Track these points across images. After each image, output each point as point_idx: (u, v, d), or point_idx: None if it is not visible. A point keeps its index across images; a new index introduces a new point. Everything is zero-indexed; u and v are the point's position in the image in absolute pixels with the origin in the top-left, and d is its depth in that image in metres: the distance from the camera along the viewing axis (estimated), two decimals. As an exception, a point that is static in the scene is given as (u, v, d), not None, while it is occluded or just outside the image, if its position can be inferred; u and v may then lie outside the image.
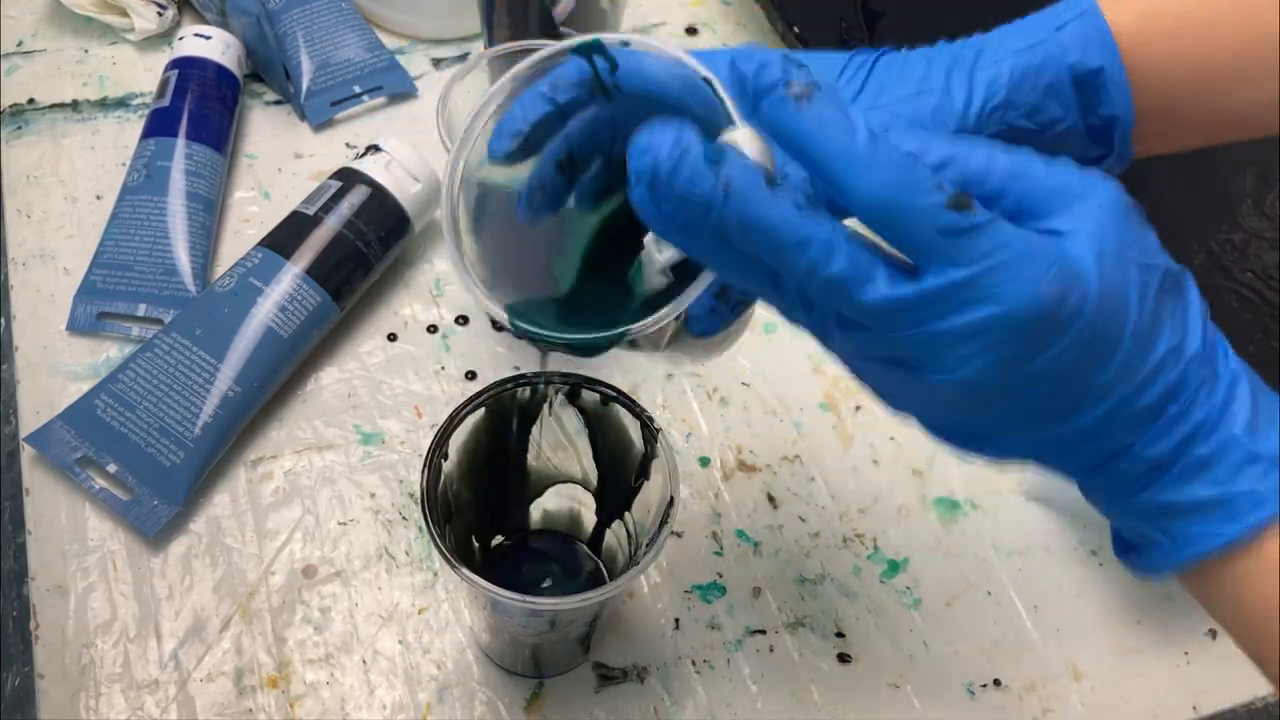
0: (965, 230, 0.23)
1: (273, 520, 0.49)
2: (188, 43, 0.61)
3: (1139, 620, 0.50)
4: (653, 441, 0.39)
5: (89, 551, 0.47)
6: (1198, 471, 0.26)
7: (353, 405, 0.53)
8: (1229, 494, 0.26)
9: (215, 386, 0.49)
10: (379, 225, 0.54)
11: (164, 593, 0.47)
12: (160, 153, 0.57)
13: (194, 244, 0.55)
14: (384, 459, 0.51)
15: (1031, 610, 0.50)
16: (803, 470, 0.53)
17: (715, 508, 0.52)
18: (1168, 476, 0.26)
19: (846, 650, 0.48)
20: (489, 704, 0.45)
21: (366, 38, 0.66)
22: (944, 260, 0.24)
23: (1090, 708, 0.48)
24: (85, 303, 0.53)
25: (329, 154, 0.62)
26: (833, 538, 0.51)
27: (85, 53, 0.66)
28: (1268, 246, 0.58)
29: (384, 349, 0.55)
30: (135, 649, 0.45)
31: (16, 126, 0.61)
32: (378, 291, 0.57)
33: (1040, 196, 0.25)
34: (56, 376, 0.52)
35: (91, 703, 0.44)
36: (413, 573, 0.48)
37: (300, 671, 0.45)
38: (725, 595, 0.49)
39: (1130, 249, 0.25)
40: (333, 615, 0.47)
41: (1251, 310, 0.56)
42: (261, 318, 0.50)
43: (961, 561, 0.51)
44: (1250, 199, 0.61)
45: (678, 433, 0.54)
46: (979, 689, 0.48)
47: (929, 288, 0.24)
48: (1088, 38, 0.32)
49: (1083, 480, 0.29)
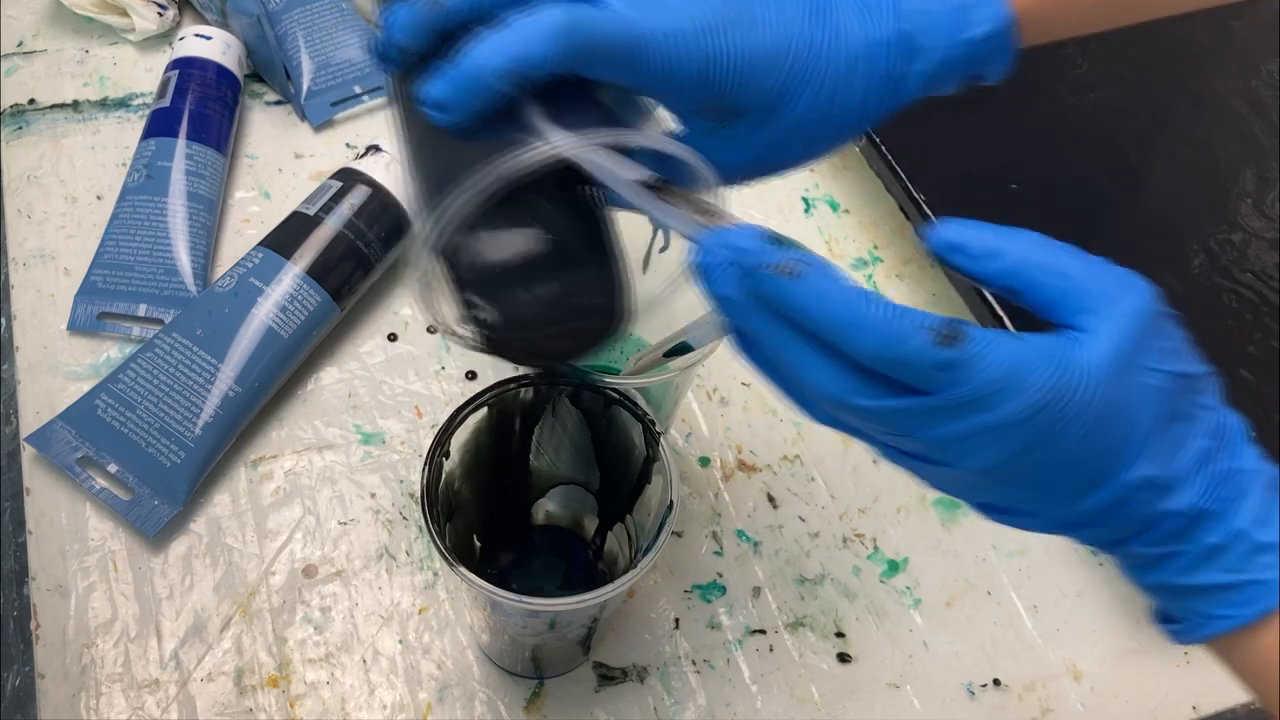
0: (958, 362, 0.25)
1: (273, 520, 0.49)
2: (188, 43, 0.61)
3: (1139, 620, 0.50)
4: (654, 444, 0.39)
5: (89, 551, 0.47)
6: (1209, 558, 0.28)
7: (353, 405, 0.53)
8: (1239, 581, 0.28)
9: (215, 386, 0.49)
10: (379, 225, 0.54)
11: (164, 593, 0.47)
12: (161, 153, 0.57)
13: (194, 244, 0.55)
14: (384, 459, 0.51)
15: (1031, 610, 0.50)
16: (803, 470, 0.53)
17: (715, 508, 0.52)
18: (1181, 560, 0.28)
19: (846, 650, 0.48)
20: (489, 704, 0.45)
21: (367, 38, 0.66)
22: (946, 385, 0.25)
23: (1090, 708, 0.48)
24: (85, 303, 0.53)
25: (329, 154, 0.62)
26: (833, 538, 0.51)
27: (86, 53, 0.66)
28: (1268, 246, 0.58)
29: (384, 349, 0.55)
30: (135, 649, 0.45)
31: (17, 126, 0.61)
32: (378, 291, 0.57)
33: (1074, 293, 0.27)
34: (57, 376, 0.52)
35: (92, 703, 0.44)
36: (413, 573, 0.48)
37: (300, 671, 0.45)
38: (725, 595, 0.49)
39: (1148, 355, 0.27)
40: (333, 615, 0.47)
41: (1251, 310, 0.56)
42: (262, 318, 0.50)
43: (961, 561, 0.51)
44: (1250, 199, 0.61)
45: (678, 433, 0.54)
46: (979, 689, 0.48)
47: (934, 403, 0.26)
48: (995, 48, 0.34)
49: (1109, 554, 0.31)
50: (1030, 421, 0.26)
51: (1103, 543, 0.30)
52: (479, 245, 0.33)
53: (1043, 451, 0.26)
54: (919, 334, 0.25)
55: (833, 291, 0.26)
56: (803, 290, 0.26)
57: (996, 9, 0.33)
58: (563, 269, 0.34)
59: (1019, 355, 0.25)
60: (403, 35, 0.31)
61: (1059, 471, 0.27)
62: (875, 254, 0.62)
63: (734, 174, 0.35)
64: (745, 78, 0.32)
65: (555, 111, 0.30)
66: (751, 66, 0.32)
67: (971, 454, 0.26)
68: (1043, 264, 0.27)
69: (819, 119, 0.33)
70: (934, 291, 0.61)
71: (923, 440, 0.27)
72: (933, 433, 0.26)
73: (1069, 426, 0.26)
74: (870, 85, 0.33)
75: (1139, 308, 0.27)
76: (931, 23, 0.33)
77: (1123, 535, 0.29)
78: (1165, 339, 0.28)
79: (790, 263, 0.26)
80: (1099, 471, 0.27)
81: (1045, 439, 0.26)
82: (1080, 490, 0.27)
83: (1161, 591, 0.30)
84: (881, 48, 0.33)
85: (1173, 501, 0.27)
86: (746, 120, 0.33)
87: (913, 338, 0.25)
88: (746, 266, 0.26)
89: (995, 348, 0.25)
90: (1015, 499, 0.28)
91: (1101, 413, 0.26)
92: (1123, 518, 0.28)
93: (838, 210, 0.64)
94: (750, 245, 0.26)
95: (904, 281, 0.61)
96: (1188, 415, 0.28)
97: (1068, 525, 0.29)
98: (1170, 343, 0.28)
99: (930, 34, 0.33)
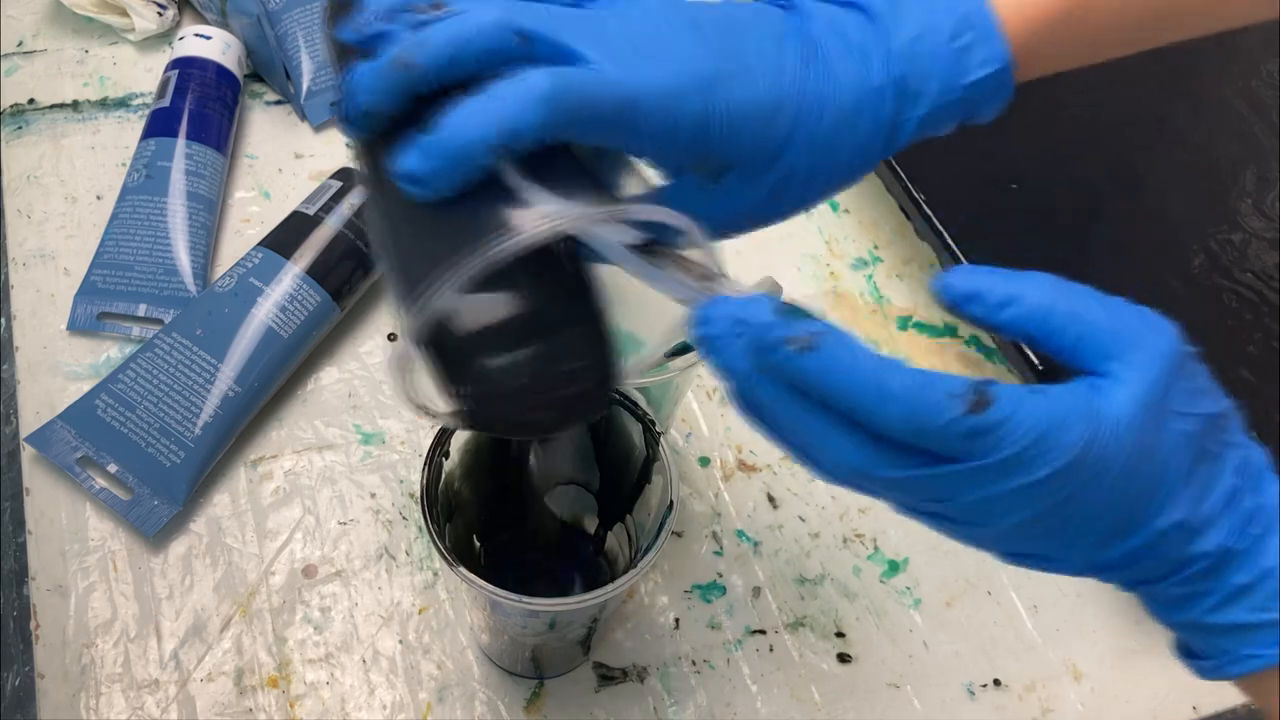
0: (990, 429, 0.24)
1: (273, 520, 0.49)
2: (188, 43, 0.61)
3: (1139, 620, 0.50)
4: (654, 444, 0.39)
5: (89, 551, 0.47)
6: (1236, 598, 0.27)
7: (353, 405, 0.53)
8: (1267, 620, 0.27)
9: (215, 386, 0.49)
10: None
11: (164, 593, 0.47)
12: (160, 153, 0.57)
13: (194, 244, 0.55)
14: (384, 459, 0.51)
15: (1031, 610, 0.50)
16: (803, 470, 0.53)
17: (715, 508, 0.52)
18: (1209, 600, 0.28)
19: (846, 650, 0.48)
20: (489, 704, 0.45)
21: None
22: (977, 453, 0.25)
23: (1090, 708, 0.48)
24: (85, 303, 0.53)
25: (329, 154, 0.62)
26: (833, 538, 0.51)
27: (85, 53, 0.66)
28: (1268, 246, 0.58)
29: (384, 349, 0.55)
30: (135, 649, 0.45)
31: (16, 126, 0.61)
32: (378, 291, 0.57)
33: (1098, 339, 0.26)
34: (56, 376, 0.52)
35: (92, 703, 0.44)
36: (413, 573, 0.48)
37: (300, 671, 0.45)
38: (725, 595, 0.49)
39: (1177, 399, 0.26)
40: (333, 615, 0.47)
41: (1251, 310, 0.56)
42: (262, 318, 0.50)
43: (961, 561, 0.51)
44: (1250, 199, 0.61)
45: (678, 433, 0.54)
46: (979, 689, 0.48)
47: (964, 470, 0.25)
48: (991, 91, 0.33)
49: (1135, 594, 0.30)
50: (1062, 479, 0.25)
51: (1130, 584, 0.29)
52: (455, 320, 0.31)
53: (1073, 506, 0.26)
54: (949, 404, 0.24)
55: (853, 363, 0.24)
56: (820, 363, 0.25)
57: (995, 49, 0.32)
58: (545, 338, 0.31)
59: (1049, 415, 0.25)
60: (366, 97, 0.28)
61: (1089, 523, 0.26)
62: (875, 254, 0.62)
63: (725, 228, 0.33)
64: (739, 133, 0.30)
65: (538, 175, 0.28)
66: (745, 121, 0.30)
67: (1001, 516, 0.26)
68: (1062, 310, 0.26)
69: (813, 170, 0.32)
70: (934, 291, 0.61)
71: (950, 506, 0.26)
72: (961, 499, 0.26)
73: (1100, 479, 0.25)
74: (864, 133, 0.32)
75: (1165, 350, 0.26)
76: (926, 66, 0.32)
77: (1150, 577, 0.28)
78: (1192, 380, 0.27)
79: (805, 335, 0.25)
80: (1130, 519, 0.26)
81: (1076, 494, 0.25)
82: (1110, 538, 0.27)
83: (1188, 629, 0.29)
84: (875, 95, 0.31)
85: (1202, 544, 0.27)
86: (737, 173, 0.31)
87: (943, 409, 0.24)
88: (758, 342, 0.25)
89: (1024, 409, 0.24)
90: (1043, 549, 0.28)
91: (1132, 462, 0.25)
92: (1152, 561, 0.27)
93: (838, 210, 0.64)
94: (761, 319, 0.25)
95: (904, 281, 0.61)
96: (1214, 455, 0.27)
97: (1095, 569, 0.28)
98: (1196, 383, 0.27)
99: (926, 79, 0.32)
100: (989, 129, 0.35)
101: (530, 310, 0.30)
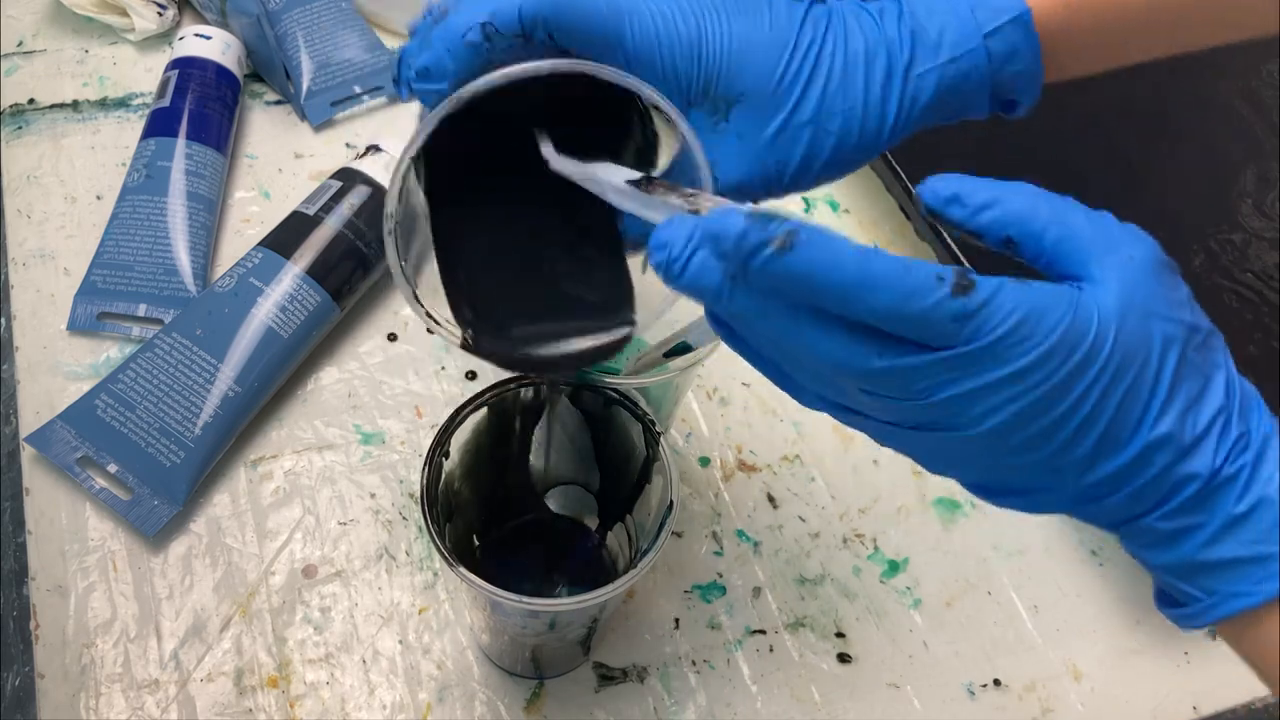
0: (975, 311, 0.24)
1: (273, 520, 0.49)
2: (188, 43, 0.61)
3: (1139, 620, 0.50)
4: (654, 444, 0.39)
5: (89, 551, 0.47)
6: (1231, 530, 0.26)
7: (353, 405, 0.53)
8: (1263, 553, 0.26)
9: (215, 386, 0.49)
10: (379, 225, 0.54)
11: (164, 593, 0.47)
12: (160, 153, 0.57)
13: (194, 244, 0.55)
14: (384, 459, 0.51)
15: (1031, 610, 0.50)
16: (803, 470, 0.53)
17: (715, 508, 0.52)
18: (1200, 534, 0.27)
19: (846, 650, 0.48)
20: (489, 704, 0.45)
21: (366, 38, 0.66)
22: (964, 337, 0.24)
23: (1090, 708, 0.48)
24: (85, 303, 0.53)
25: (329, 154, 0.62)
26: (833, 538, 0.51)
27: (85, 53, 0.66)
28: (1268, 246, 0.58)
29: (384, 349, 0.55)
30: (135, 649, 0.45)
31: (16, 126, 0.61)
32: (378, 291, 0.57)
33: (1078, 243, 0.26)
34: (56, 376, 0.52)
35: (91, 703, 0.44)
36: (413, 573, 0.48)
37: (300, 671, 0.45)
38: (725, 595, 0.49)
39: (1158, 302, 0.26)
40: (333, 615, 0.47)
41: (1251, 310, 0.56)
42: (262, 318, 0.50)
43: (961, 561, 0.51)
44: (1250, 199, 0.61)
45: (678, 433, 0.54)
46: (979, 689, 0.48)
47: (951, 356, 0.25)
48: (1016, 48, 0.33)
49: (1121, 535, 0.29)
50: (1045, 371, 0.25)
51: (1115, 520, 0.28)
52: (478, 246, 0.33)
53: (1058, 407, 0.25)
54: (935, 287, 0.24)
55: (834, 255, 0.24)
56: (802, 259, 0.24)
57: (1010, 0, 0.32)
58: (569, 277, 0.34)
59: (1032, 300, 0.24)
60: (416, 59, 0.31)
61: (1074, 432, 0.26)
62: (875, 254, 0.62)
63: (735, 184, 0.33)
64: (738, 60, 0.31)
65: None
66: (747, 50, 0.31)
67: (984, 415, 0.25)
68: (1044, 214, 0.26)
69: (821, 116, 0.32)
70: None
71: (935, 403, 0.25)
72: (948, 391, 0.25)
73: (1085, 376, 0.25)
74: (879, 81, 0.32)
75: (1145, 255, 0.26)
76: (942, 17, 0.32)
77: (1137, 509, 0.27)
78: (1174, 290, 0.26)
79: (783, 234, 0.24)
80: (1117, 429, 0.26)
81: (1062, 390, 0.25)
82: (1096, 455, 0.26)
83: (1176, 570, 0.28)
84: (888, 43, 0.32)
85: (1192, 464, 0.26)
86: (743, 111, 0.32)
87: (929, 290, 0.24)
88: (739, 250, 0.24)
89: (1008, 294, 0.24)
90: (1026, 472, 0.27)
91: (1117, 362, 0.25)
92: (1139, 486, 0.26)
93: (838, 210, 0.64)
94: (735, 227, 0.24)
95: (904, 281, 0.61)
96: (1202, 372, 0.26)
97: (1079, 500, 0.27)
98: (1179, 294, 0.27)
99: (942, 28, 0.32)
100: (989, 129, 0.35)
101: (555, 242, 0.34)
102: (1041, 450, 0.26)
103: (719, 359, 0.48)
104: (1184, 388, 0.26)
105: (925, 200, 0.27)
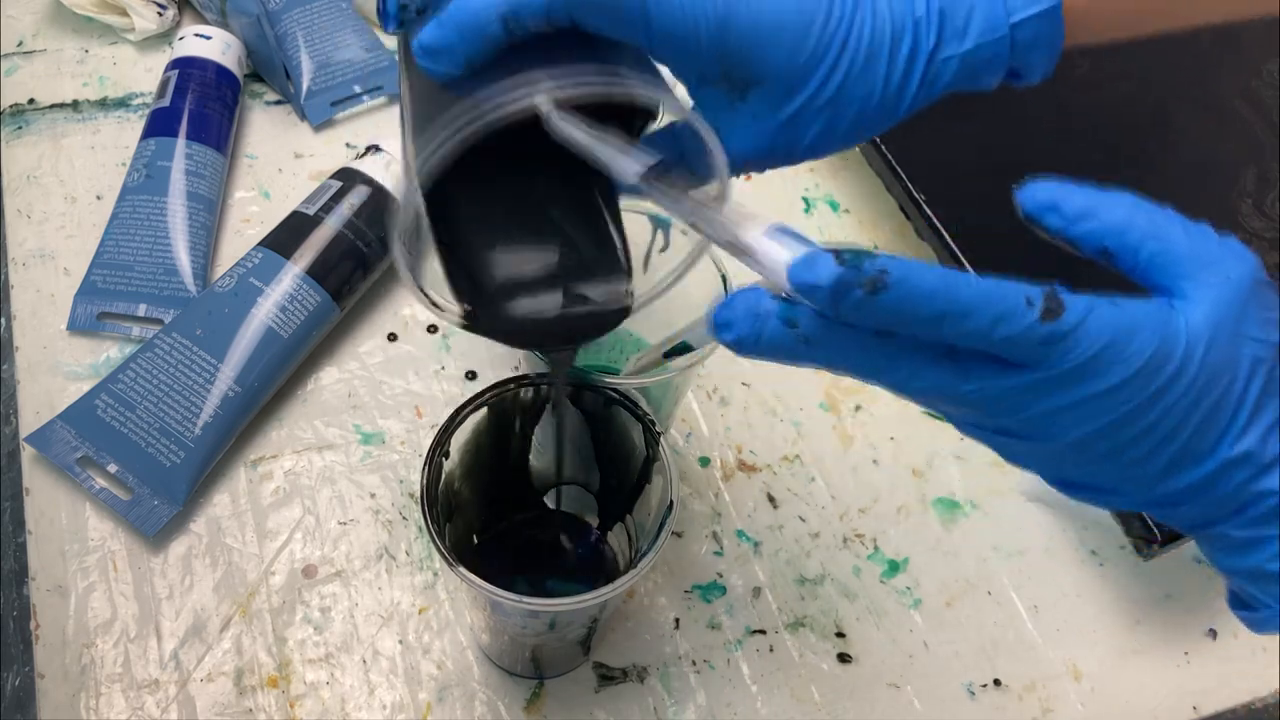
0: (1064, 335, 0.24)
1: (273, 520, 0.49)
2: (188, 43, 0.61)
3: (1139, 620, 0.50)
4: (654, 444, 0.39)
5: (89, 551, 0.47)
6: None
7: (353, 405, 0.53)
8: None
9: (215, 386, 0.49)
10: (379, 225, 0.54)
11: (164, 593, 0.47)
12: (160, 153, 0.57)
13: (194, 244, 0.55)
14: (384, 459, 0.51)
15: (1031, 610, 0.50)
16: (803, 470, 0.53)
17: (715, 508, 0.52)
18: (1273, 546, 0.27)
19: (846, 650, 0.48)
20: (489, 704, 0.45)
21: (366, 38, 0.66)
22: (1051, 360, 0.24)
23: (1090, 708, 0.48)
24: (85, 303, 0.53)
25: (329, 154, 0.62)
26: (833, 538, 0.51)
27: (85, 53, 0.66)
28: (1268, 246, 0.58)
29: (384, 349, 0.55)
30: (135, 649, 0.45)
31: (16, 126, 0.61)
32: (378, 291, 0.57)
33: (1174, 258, 0.26)
34: (56, 376, 0.52)
35: (91, 703, 0.44)
36: (413, 573, 0.48)
37: (300, 671, 0.45)
38: (725, 595, 0.49)
39: (1249, 323, 0.26)
40: (333, 615, 0.47)
41: (1251, 310, 0.56)
42: (261, 318, 0.50)
43: (961, 561, 0.51)
44: (1250, 199, 0.61)
45: (678, 433, 0.54)
46: (979, 689, 0.48)
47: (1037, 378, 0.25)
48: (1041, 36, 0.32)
49: (1198, 539, 0.29)
50: (1132, 390, 0.25)
51: (1191, 524, 0.28)
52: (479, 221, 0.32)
53: (1142, 422, 0.25)
54: (1025, 311, 0.24)
55: (924, 287, 0.24)
56: (893, 299, 0.24)
57: None
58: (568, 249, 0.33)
59: (1120, 322, 0.24)
60: None
61: (1156, 445, 0.26)
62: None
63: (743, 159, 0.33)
64: (764, 42, 0.30)
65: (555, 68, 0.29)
66: (773, 34, 0.30)
67: (1069, 428, 0.25)
68: (1141, 226, 0.26)
69: (839, 99, 0.31)
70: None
71: (1020, 418, 0.26)
72: (1034, 409, 0.25)
73: (1168, 392, 0.25)
74: (901, 64, 0.31)
75: (1242, 274, 0.26)
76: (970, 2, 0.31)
77: (1213, 517, 0.27)
78: (1268, 309, 0.26)
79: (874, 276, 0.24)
80: (1197, 444, 0.26)
81: (1145, 408, 0.25)
82: (1176, 466, 0.26)
83: (1246, 577, 0.28)
84: (915, 26, 0.31)
85: (1269, 481, 0.26)
86: (762, 93, 0.31)
87: (1019, 316, 0.24)
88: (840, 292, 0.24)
89: (1096, 315, 0.24)
90: (1106, 475, 0.27)
91: (1202, 379, 0.25)
92: (1216, 497, 0.27)
93: (838, 210, 0.64)
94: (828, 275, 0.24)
95: (904, 281, 0.61)
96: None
97: (1156, 504, 0.28)
98: (1273, 313, 0.26)
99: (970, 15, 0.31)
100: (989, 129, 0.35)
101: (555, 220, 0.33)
102: (1121, 459, 0.26)
103: (719, 359, 0.48)
104: (1267, 409, 0.26)
105: (1023, 205, 0.27)
